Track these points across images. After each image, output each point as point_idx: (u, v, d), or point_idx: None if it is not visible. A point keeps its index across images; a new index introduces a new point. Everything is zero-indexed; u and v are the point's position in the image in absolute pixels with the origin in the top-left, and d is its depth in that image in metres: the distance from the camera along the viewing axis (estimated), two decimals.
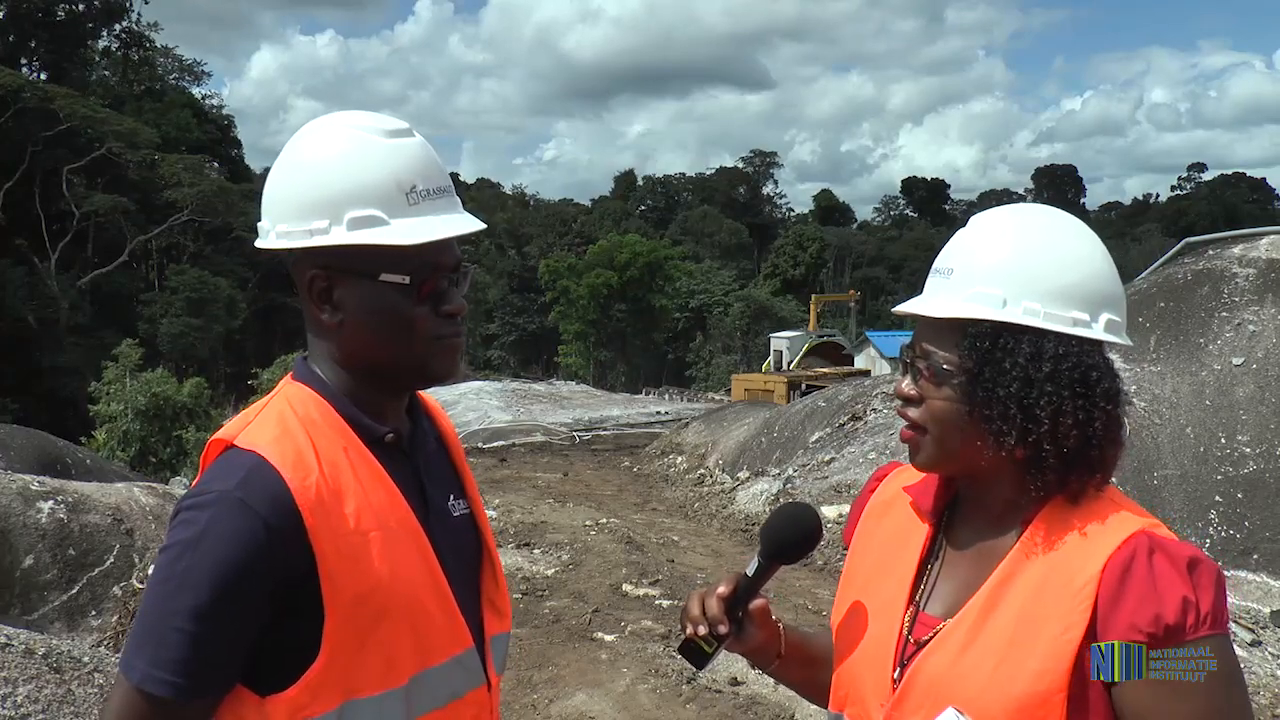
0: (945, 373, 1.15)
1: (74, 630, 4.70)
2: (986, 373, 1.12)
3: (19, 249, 36.79)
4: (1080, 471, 1.12)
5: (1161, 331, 7.26)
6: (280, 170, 1.22)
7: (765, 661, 1.33)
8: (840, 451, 9.64)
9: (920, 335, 1.19)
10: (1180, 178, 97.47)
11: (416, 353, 1.21)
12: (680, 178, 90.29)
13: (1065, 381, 1.10)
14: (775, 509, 1.34)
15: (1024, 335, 1.11)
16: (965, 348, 1.13)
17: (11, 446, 7.26)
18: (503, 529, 7.90)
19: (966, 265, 1.16)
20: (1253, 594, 5.74)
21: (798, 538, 1.27)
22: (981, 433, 1.13)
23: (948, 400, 1.15)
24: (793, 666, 1.35)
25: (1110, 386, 1.12)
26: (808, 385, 24.13)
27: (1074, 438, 1.10)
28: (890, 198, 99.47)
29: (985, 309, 1.12)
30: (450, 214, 1.21)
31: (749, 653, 1.31)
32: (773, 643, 1.31)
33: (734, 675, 4.82)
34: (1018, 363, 1.10)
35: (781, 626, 1.32)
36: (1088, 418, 1.10)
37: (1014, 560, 1.13)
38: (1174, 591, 1.04)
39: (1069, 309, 1.12)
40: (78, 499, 5.20)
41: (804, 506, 1.32)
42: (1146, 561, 1.06)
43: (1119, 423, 1.14)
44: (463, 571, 1.28)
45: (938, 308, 1.16)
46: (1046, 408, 1.09)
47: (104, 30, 47.52)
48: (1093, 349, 1.13)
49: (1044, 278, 1.13)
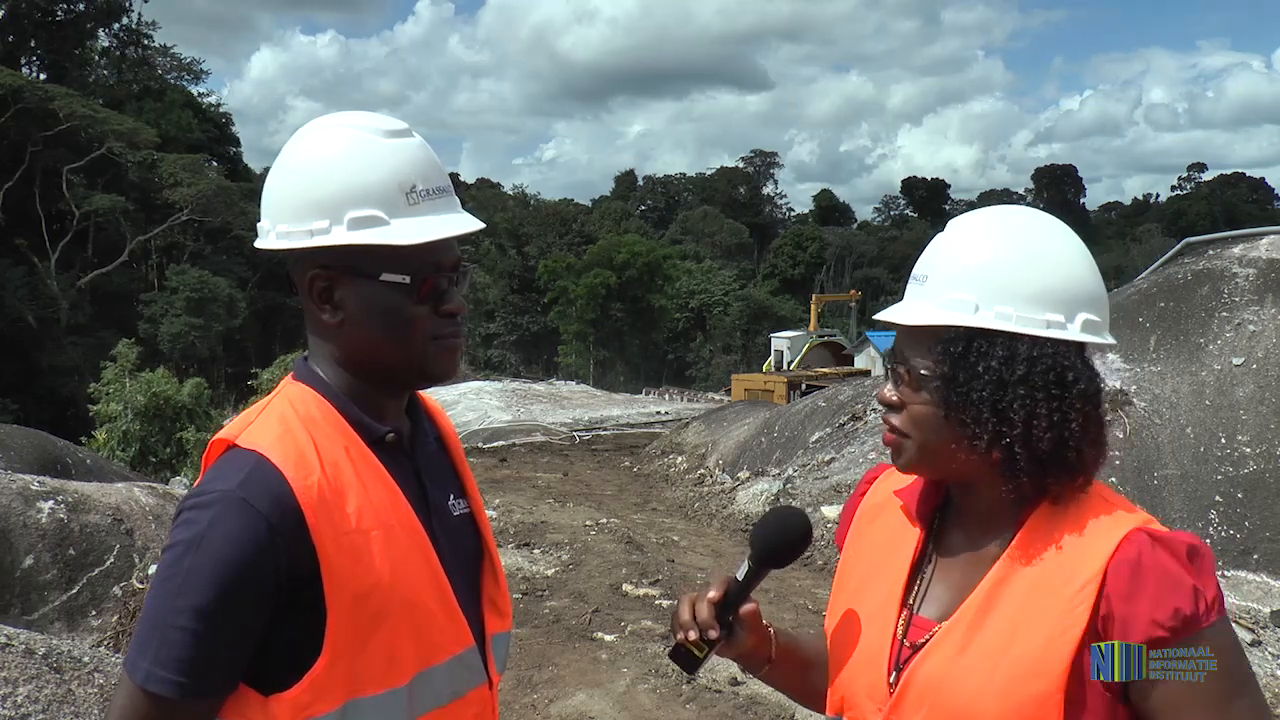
0: (923, 378, 1.15)
1: (74, 630, 4.70)
2: (961, 377, 1.12)
3: (19, 249, 36.77)
4: (1057, 474, 1.12)
5: (1161, 331, 7.26)
6: (280, 171, 1.22)
7: (756, 666, 1.32)
8: (840, 451, 9.64)
9: (899, 342, 1.20)
10: (1180, 178, 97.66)
11: (416, 352, 1.21)
12: (680, 178, 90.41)
13: (1039, 384, 1.10)
14: (766, 513, 1.33)
15: (997, 339, 1.12)
16: (939, 353, 1.14)
17: (11, 446, 7.26)
18: (503, 529, 7.90)
19: (940, 271, 1.17)
20: (1253, 594, 5.74)
21: (787, 542, 1.27)
22: (958, 437, 1.13)
23: (925, 405, 1.15)
24: (784, 670, 1.34)
25: (1088, 387, 1.12)
26: (808, 385, 24.14)
27: (1048, 440, 1.10)
28: (890, 197, 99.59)
29: (957, 315, 1.13)
30: (450, 214, 1.21)
31: (740, 657, 1.30)
32: (763, 647, 1.30)
33: (734, 675, 4.82)
34: (990, 366, 1.11)
35: (772, 630, 1.32)
36: (1063, 419, 1.10)
37: (1008, 562, 1.13)
38: (1184, 583, 1.05)
39: (1042, 311, 1.12)
40: (78, 499, 5.20)
41: (794, 511, 1.31)
42: (1153, 557, 1.06)
43: (1099, 424, 1.14)
44: (463, 570, 1.28)
45: (912, 316, 1.17)
46: (1020, 411, 1.10)
47: (103, 29, 47.53)
48: (1069, 350, 1.13)
49: (1016, 281, 1.13)
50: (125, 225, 39.81)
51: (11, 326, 34.25)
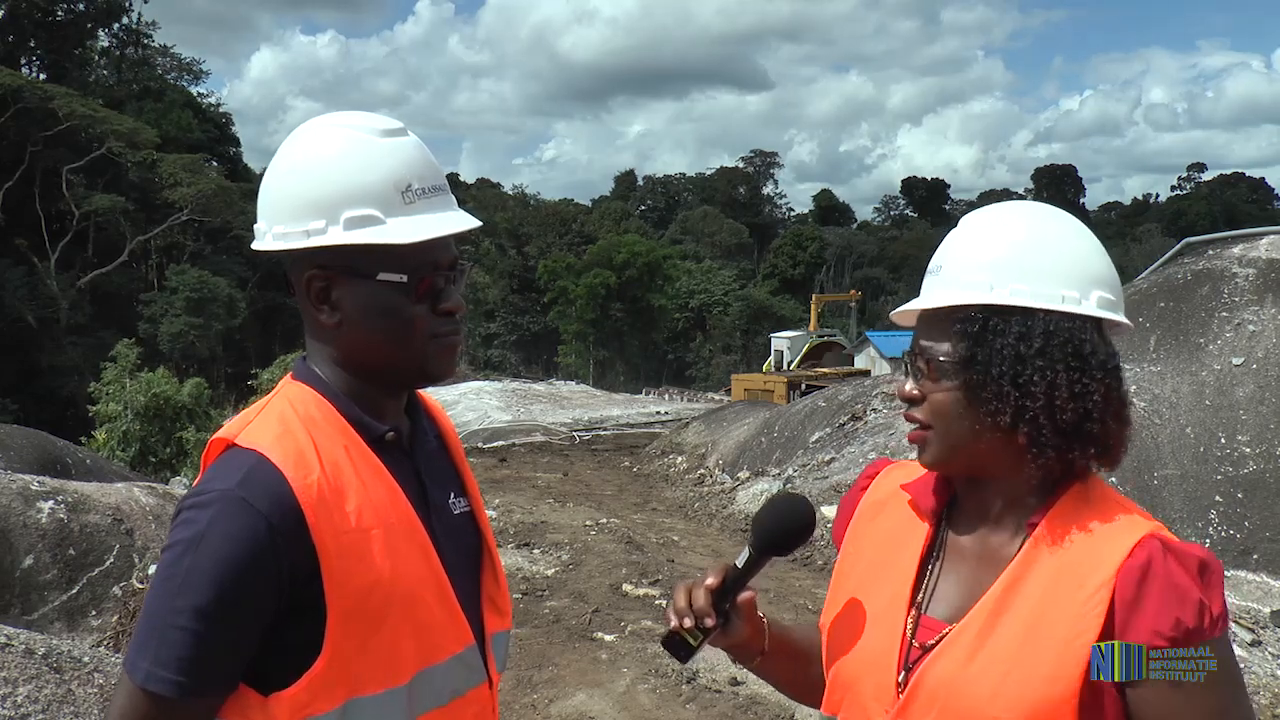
0: (942, 365, 1.15)
1: (74, 630, 4.70)
2: (979, 355, 1.13)
3: (19, 249, 36.75)
4: (1082, 447, 1.11)
5: (1161, 331, 7.27)
6: (276, 172, 1.22)
7: (748, 657, 1.31)
8: (840, 451, 9.64)
9: (918, 334, 1.20)
10: (1180, 178, 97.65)
11: (415, 351, 1.21)
12: (680, 178, 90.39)
13: (1058, 355, 1.10)
14: (769, 499, 1.31)
15: (1012, 316, 1.13)
16: (957, 334, 1.14)
17: (11, 446, 7.26)
18: (503, 529, 7.90)
19: (955, 259, 1.19)
20: (1253, 594, 5.74)
21: (792, 529, 1.24)
22: (981, 419, 1.13)
23: (947, 391, 1.15)
24: (776, 663, 1.33)
25: (1106, 359, 1.13)
26: (808, 385, 24.14)
27: (1071, 410, 1.10)
28: (890, 197, 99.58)
29: (973, 294, 1.14)
30: (446, 212, 1.22)
31: (732, 647, 1.29)
32: (757, 638, 1.29)
33: (734, 675, 4.81)
34: (1008, 342, 1.11)
35: (766, 621, 1.31)
36: (1084, 390, 1.10)
37: (1021, 564, 1.12)
38: (1191, 596, 1.05)
39: (1056, 288, 1.13)
40: (78, 499, 5.21)
41: (798, 497, 1.29)
42: (1163, 566, 1.06)
43: (1120, 399, 1.14)
44: (463, 569, 1.29)
45: (928, 300, 1.18)
46: (1040, 383, 1.10)
47: (103, 29, 47.54)
48: (1084, 324, 1.13)
49: (1030, 261, 1.14)
50: (125, 225, 39.78)
51: (11, 326, 34.24)
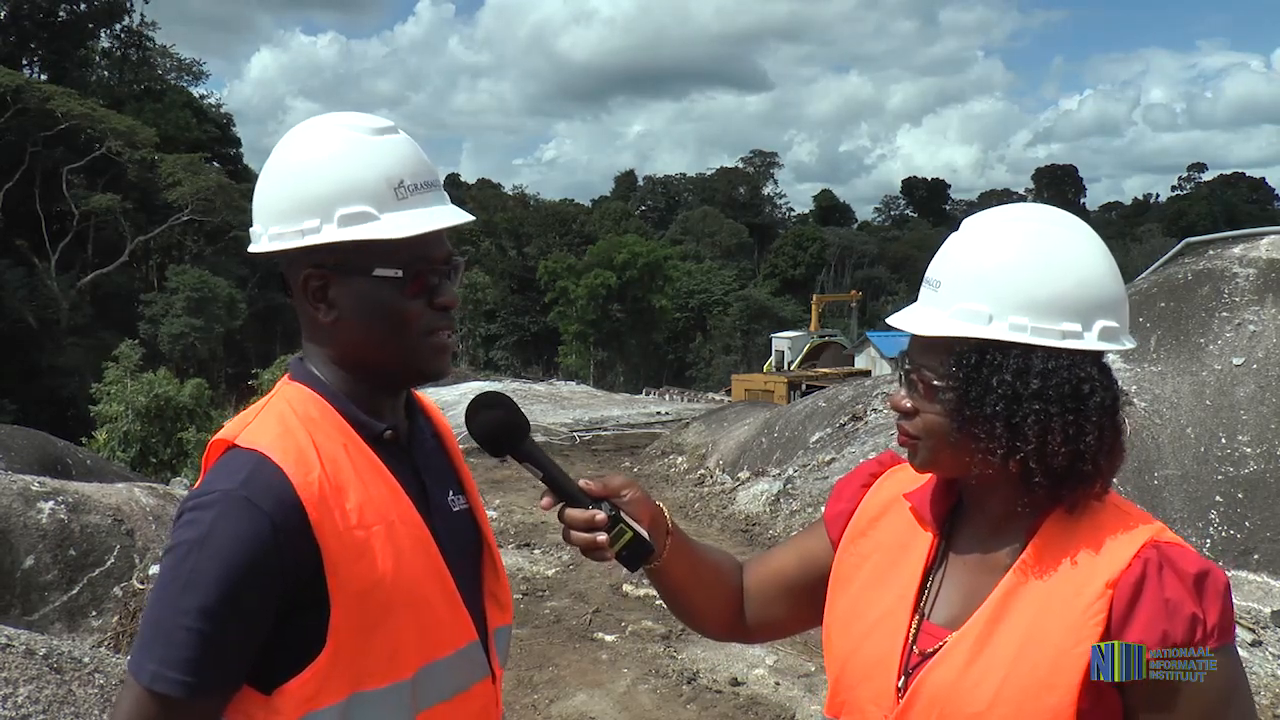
0: (936, 389, 1.13)
1: (74, 631, 4.70)
2: (973, 391, 1.10)
3: (19, 249, 36.77)
4: (1073, 486, 1.10)
5: (1162, 331, 7.27)
6: (269, 174, 1.23)
7: (653, 556, 1.33)
8: (841, 451, 9.64)
9: (913, 348, 1.18)
10: (1180, 178, 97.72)
11: (411, 347, 1.22)
12: (680, 178, 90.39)
13: (1054, 398, 1.07)
14: (466, 412, 1.30)
15: (1011, 351, 1.09)
16: (952, 364, 1.11)
17: (11, 447, 7.26)
18: (503, 529, 7.90)
19: (954, 277, 1.14)
20: (1253, 594, 5.74)
21: (502, 437, 1.29)
22: (971, 449, 1.12)
23: (938, 415, 1.13)
24: (673, 570, 1.36)
25: (1104, 399, 1.09)
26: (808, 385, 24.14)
27: (1064, 455, 1.07)
28: (891, 197, 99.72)
29: (970, 326, 1.10)
30: (439, 206, 1.22)
31: (648, 528, 1.31)
32: (659, 520, 1.33)
33: (734, 676, 4.82)
34: (1004, 380, 1.08)
35: (671, 526, 1.35)
36: (1078, 433, 1.07)
37: (1020, 572, 1.12)
38: (1183, 610, 1.04)
39: (1058, 321, 1.09)
40: (78, 499, 5.21)
41: (491, 402, 1.29)
42: (1157, 579, 1.05)
43: (1116, 432, 1.11)
44: (464, 565, 1.29)
45: (925, 326, 1.14)
46: (1034, 425, 1.07)
47: (103, 30, 47.54)
48: (1085, 360, 1.10)
49: (1031, 289, 1.09)
50: (125, 225, 39.77)
51: (11, 327, 34.23)
